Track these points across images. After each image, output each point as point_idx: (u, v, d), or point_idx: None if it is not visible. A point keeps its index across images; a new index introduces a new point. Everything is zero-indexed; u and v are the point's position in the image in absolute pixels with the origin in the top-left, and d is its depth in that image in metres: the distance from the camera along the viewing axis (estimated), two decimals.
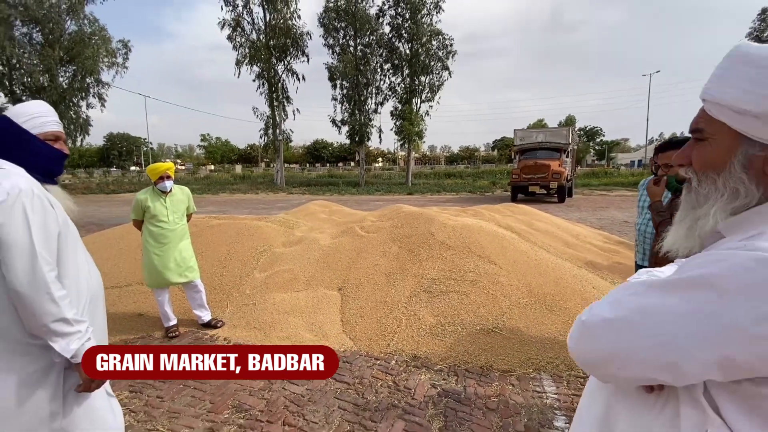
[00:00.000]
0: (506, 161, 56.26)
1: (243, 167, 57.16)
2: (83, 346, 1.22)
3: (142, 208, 3.21)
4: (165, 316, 3.39)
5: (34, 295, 1.14)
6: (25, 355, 1.20)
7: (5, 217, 1.13)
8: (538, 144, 16.69)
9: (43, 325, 1.16)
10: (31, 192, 1.20)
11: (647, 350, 0.57)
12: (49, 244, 1.21)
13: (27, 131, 1.30)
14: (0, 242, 1.13)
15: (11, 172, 1.23)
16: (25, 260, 1.14)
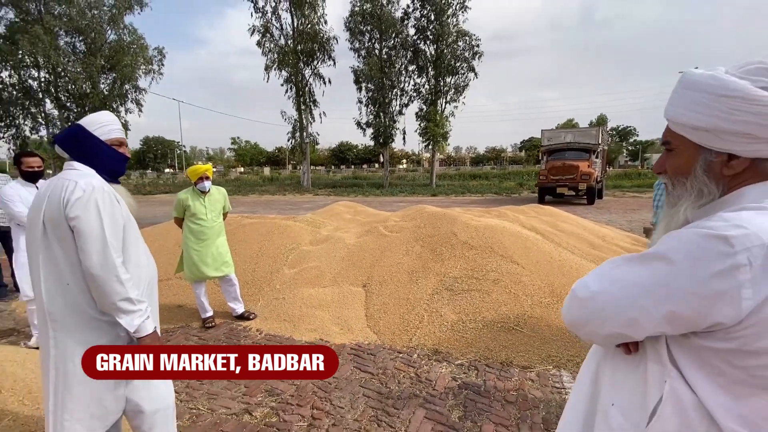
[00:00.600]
0: (534, 162, 54.99)
1: (271, 169, 58.63)
2: (144, 323, 1.42)
3: (183, 207, 3.48)
4: (202, 307, 3.65)
5: (105, 277, 1.33)
6: (96, 329, 1.41)
7: (82, 211, 1.34)
8: (566, 144, 16.30)
9: (111, 303, 1.35)
10: (102, 189, 1.41)
11: (617, 309, 0.70)
12: (116, 234, 1.41)
13: (98, 137, 1.51)
14: (78, 231, 1.34)
15: (85, 173, 1.45)
16: (98, 247, 1.34)
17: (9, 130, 25.75)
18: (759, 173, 0.68)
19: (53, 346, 1.37)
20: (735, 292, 0.58)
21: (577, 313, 0.78)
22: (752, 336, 0.59)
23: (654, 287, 0.66)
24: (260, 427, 2.21)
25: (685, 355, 0.66)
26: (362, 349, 3.12)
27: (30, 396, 2.10)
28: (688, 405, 0.65)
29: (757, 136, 0.65)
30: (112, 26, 25.48)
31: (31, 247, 1.43)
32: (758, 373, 0.60)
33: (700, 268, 0.61)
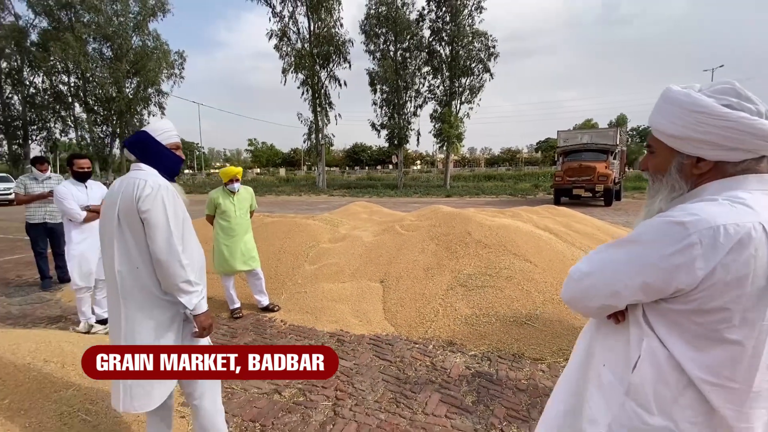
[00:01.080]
0: (550, 163, 54.24)
1: (287, 170, 59.50)
2: (200, 302, 1.64)
3: (215, 205, 3.74)
4: (231, 299, 3.90)
5: (170, 261, 1.56)
6: (160, 307, 1.64)
7: (151, 205, 1.57)
8: (583, 145, 16.16)
9: (174, 284, 1.58)
10: (166, 187, 1.64)
11: (603, 284, 0.88)
12: (178, 225, 1.64)
13: (160, 142, 1.74)
14: (148, 222, 1.57)
15: (150, 173, 1.68)
16: (164, 236, 1.57)
17: (41, 132, 26.97)
18: (719, 172, 0.84)
19: (124, 319, 1.60)
20: (690, 264, 0.75)
21: (573, 291, 0.96)
22: (706, 298, 0.75)
23: (630, 264, 0.83)
24: (289, 405, 2.42)
25: (657, 318, 0.83)
26: (380, 340, 3.31)
27: None
28: (661, 358, 0.82)
29: (719, 144, 0.80)
30: (137, 32, 26.42)
31: (105, 237, 1.67)
32: (713, 327, 0.76)
33: (663, 247, 0.78)
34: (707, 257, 0.74)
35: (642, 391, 0.84)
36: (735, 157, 0.80)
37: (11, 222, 12.08)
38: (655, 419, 0.82)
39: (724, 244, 0.73)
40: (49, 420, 1.87)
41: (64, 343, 2.63)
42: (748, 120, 0.77)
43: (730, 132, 0.78)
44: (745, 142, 0.78)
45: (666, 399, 0.81)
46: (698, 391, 0.79)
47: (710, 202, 0.79)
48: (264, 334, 3.47)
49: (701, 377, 0.78)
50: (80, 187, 3.58)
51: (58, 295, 4.65)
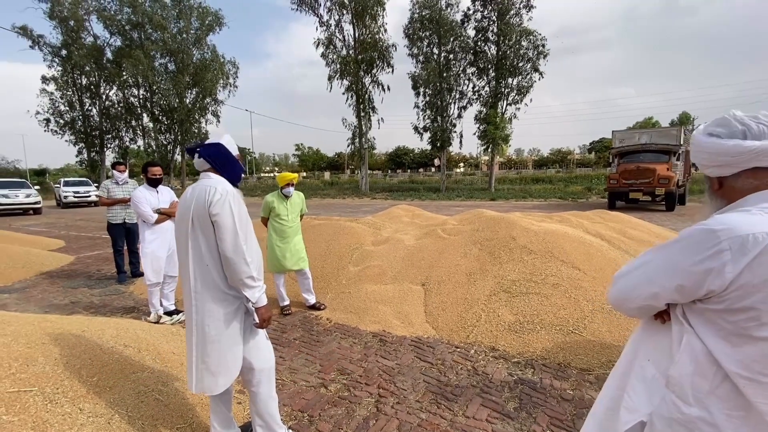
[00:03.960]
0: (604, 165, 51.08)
1: (331, 174, 61.12)
2: (261, 296, 1.82)
3: (269, 208, 4.01)
4: (281, 296, 4.15)
5: (237, 259, 1.74)
6: (225, 301, 1.82)
7: (221, 209, 1.76)
8: (641, 146, 15.11)
9: (240, 279, 1.76)
10: (233, 194, 1.84)
11: (643, 287, 0.96)
12: (243, 227, 1.82)
13: (232, 153, 1.95)
14: (218, 224, 1.76)
15: (219, 180, 1.88)
16: (232, 236, 1.75)
17: (114, 141, 29.88)
18: (730, 187, 0.96)
19: (195, 312, 1.81)
20: (720, 268, 0.83)
21: (617, 292, 1.05)
22: (736, 298, 0.83)
23: (667, 268, 0.93)
24: (335, 398, 2.55)
25: (695, 316, 0.90)
26: (422, 342, 3.37)
27: (159, 356, 2.64)
28: (699, 352, 0.88)
29: (707, 165, 0.99)
30: (197, 47, 28.54)
31: (180, 239, 1.89)
32: (744, 325, 0.84)
33: (697, 253, 0.86)
34: (736, 262, 0.81)
35: (680, 382, 0.91)
36: (724, 172, 0.95)
37: (90, 222, 13.53)
38: (691, 409, 0.89)
39: (752, 250, 0.80)
40: (129, 397, 2.13)
41: (139, 331, 2.95)
42: (708, 142, 0.96)
43: (705, 155, 0.98)
44: (714, 160, 0.95)
45: (703, 390, 0.88)
46: (734, 385, 0.85)
47: (743, 213, 0.88)
48: (311, 331, 3.65)
49: (735, 371, 0.84)
50: (152, 192, 4.00)
51: (131, 288, 5.18)
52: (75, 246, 8.60)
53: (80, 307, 4.43)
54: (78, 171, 41.93)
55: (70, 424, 1.83)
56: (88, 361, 2.27)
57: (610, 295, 1.08)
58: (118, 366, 2.34)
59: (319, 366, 2.99)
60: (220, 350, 1.79)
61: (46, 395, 1.91)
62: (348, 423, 2.30)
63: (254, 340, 1.90)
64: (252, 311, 1.83)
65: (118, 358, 2.42)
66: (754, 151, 0.88)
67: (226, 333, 1.80)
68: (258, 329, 1.87)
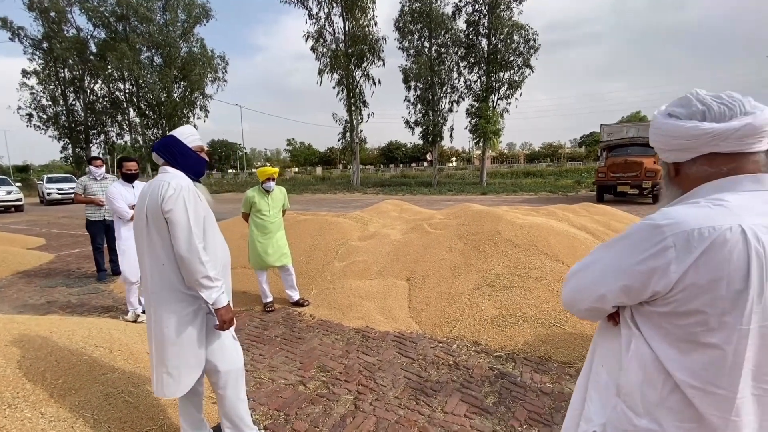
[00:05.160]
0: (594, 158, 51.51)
1: (323, 169, 60.78)
2: (220, 297, 1.74)
3: (250, 203, 3.93)
4: (264, 293, 4.08)
5: (191, 258, 1.66)
6: (183, 301, 1.75)
7: (173, 205, 1.68)
8: (629, 140, 15.24)
9: (195, 280, 1.68)
10: (188, 189, 1.75)
11: (590, 287, 0.89)
12: (198, 224, 1.74)
13: (187, 145, 1.86)
14: (170, 221, 1.68)
15: (175, 175, 1.80)
16: (185, 234, 1.67)
17: (100, 136, 29.30)
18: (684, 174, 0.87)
19: (154, 314, 1.73)
20: (665, 267, 0.75)
21: (568, 293, 0.97)
22: (681, 301, 0.75)
23: (613, 267, 0.85)
24: (313, 396, 2.51)
25: (643, 320, 0.83)
26: (405, 337, 3.34)
27: (132, 356, 2.57)
28: (647, 360, 0.81)
29: (662, 149, 0.89)
30: (184, 39, 28.00)
31: (137, 236, 1.81)
32: (691, 330, 0.76)
33: (641, 250, 0.79)
34: (680, 260, 0.74)
35: (630, 391, 0.84)
36: (679, 157, 0.87)
37: (73, 219, 13.26)
38: (642, 421, 0.82)
39: (697, 247, 0.73)
40: (96, 399, 2.07)
41: (114, 331, 2.87)
42: (667, 124, 0.86)
43: (661, 137, 0.88)
44: (670, 143, 0.86)
45: (653, 401, 0.81)
46: (685, 395, 0.77)
47: (691, 205, 0.79)
48: (293, 328, 3.60)
49: (684, 380, 0.77)
50: (128, 188, 3.89)
51: (111, 287, 5.07)
52: (56, 244, 8.42)
53: (56, 307, 4.32)
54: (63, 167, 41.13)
55: (30, 430, 1.76)
56: (54, 363, 2.20)
57: (563, 296, 0.99)
58: (86, 368, 2.27)
59: (299, 363, 2.94)
60: (179, 352, 1.72)
61: (4, 400, 1.84)
62: (325, 421, 2.26)
63: (218, 341, 1.83)
64: (212, 313, 1.76)
65: (87, 359, 2.34)
66: (710, 133, 0.79)
67: (185, 334, 1.72)
68: (221, 331, 1.80)
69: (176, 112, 28.40)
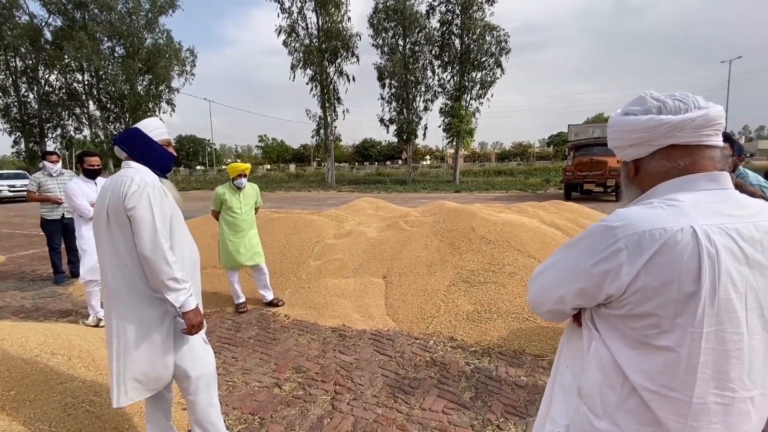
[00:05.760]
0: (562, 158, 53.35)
1: (296, 166, 59.82)
2: (187, 300, 1.65)
3: (221, 201, 3.79)
4: (236, 294, 3.96)
5: (155, 259, 1.57)
6: (149, 304, 1.65)
7: (137, 202, 1.58)
8: (594, 140, 15.90)
9: (160, 281, 1.59)
10: (153, 185, 1.65)
11: (550, 289, 0.90)
12: (164, 223, 1.65)
13: (152, 139, 1.76)
14: (134, 219, 1.59)
15: (139, 170, 1.70)
16: (149, 233, 1.58)
17: (56, 130, 27.53)
18: (644, 171, 0.87)
19: (115, 317, 1.63)
20: (617, 269, 0.75)
21: (532, 294, 0.97)
22: (634, 303, 0.75)
23: (570, 269, 0.85)
24: (288, 398, 2.45)
25: (601, 321, 0.83)
26: (382, 335, 3.33)
27: (93, 363, 2.42)
28: (606, 362, 0.81)
29: (619, 146, 0.90)
30: (149, 30, 26.73)
31: (97, 235, 1.69)
32: (644, 332, 0.75)
33: (595, 253, 0.79)
34: (632, 262, 0.73)
35: (590, 394, 0.84)
36: (637, 153, 0.86)
37: (26, 218, 12.42)
38: (601, 423, 0.81)
39: (648, 248, 0.72)
40: (54, 411, 1.93)
41: (72, 336, 2.70)
42: (623, 120, 0.87)
43: (618, 134, 0.88)
44: (628, 138, 0.86)
45: (612, 403, 0.80)
46: (642, 398, 0.77)
47: (644, 206, 0.79)
48: (267, 329, 3.51)
49: (640, 383, 0.76)
50: (90, 184, 3.67)
51: (70, 290, 4.77)
52: (7, 245, 7.85)
53: (8, 312, 4.02)
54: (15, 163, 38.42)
55: None
56: (5, 373, 2.04)
57: (529, 298, 0.99)
58: (42, 377, 2.12)
59: (273, 365, 2.87)
60: (145, 358, 1.63)
61: None
62: (301, 423, 2.22)
63: (187, 345, 1.74)
64: (180, 316, 1.68)
65: (43, 368, 2.19)
66: (668, 124, 0.80)
67: (151, 339, 1.63)
68: (189, 335, 1.71)
69: (140, 106, 27.09)
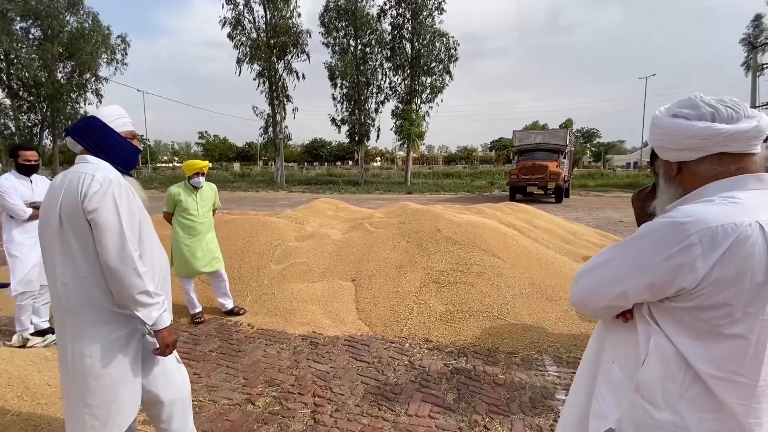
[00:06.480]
0: (503, 162, 56.58)
1: (241, 165, 57.11)
2: (161, 316, 1.44)
3: (174, 202, 3.45)
4: (191, 303, 3.63)
5: (124, 270, 1.35)
6: (113, 323, 1.42)
7: (99, 204, 1.35)
8: (536, 145, 17.00)
9: (130, 296, 1.37)
10: (118, 183, 1.41)
11: (609, 285, 0.90)
12: (133, 227, 1.43)
13: (114, 129, 1.52)
14: (96, 224, 1.35)
15: (100, 166, 1.45)
16: (116, 240, 1.35)
17: None
18: (690, 172, 0.90)
19: (71, 340, 1.38)
20: (692, 263, 0.78)
21: (581, 292, 0.98)
22: (707, 295, 0.78)
23: (635, 265, 0.86)
24: (265, 414, 2.27)
25: (663, 315, 0.86)
26: (356, 340, 3.22)
27: (28, 392, 2.06)
28: (668, 354, 0.84)
29: (669, 148, 0.91)
30: (71, 11, 24.04)
31: (45, 242, 1.43)
32: (716, 322, 0.79)
33: (666, 248, 0.80)
34: (706, 256, 0.77)
35: (650, 386, 0.85)
36: (686, 156, 0.89)
37: None
38: (662, 414, 0.84)
39: (722, 242, 0.76)
40: None
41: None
42: (675, 123, 0.88)
43: (668, 136, 0.90)
44: (680, 143, 0.88)
45: (673, 394, 0.83)
46: (705, 386, 0.80)
47: (708, 203, 0.82)
48: (230, 340, 3.26)
49: (707, 371, 0.80)
50: (25, 182, 3.14)
51: None
52: None
53: None
54: None
55: None
56: None
57: (573, 295, 1.00)
58: None
59: (242, 379, 2.65)
60: (108, 387, 1.39)
61: None
62: None
63: (159, 367, 1.53)
64: (151, 335, 1.46)
65: None
66: (724, 134, 0.82)
67: (115, 364, 1.40)
68: (161, 356, 1.49)
69: (60, 95, 24.28)
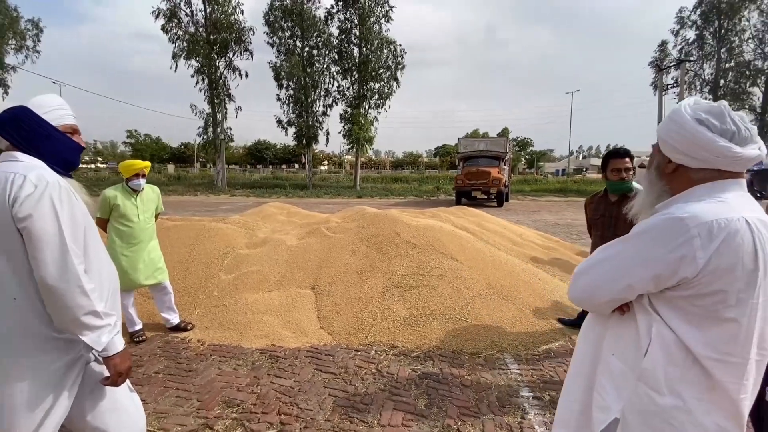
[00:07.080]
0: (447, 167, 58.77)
1: (176, 167, 53.16)
2: (113, 340, 1.24)
3: (110, 207, 3.06)
4: (130, 320, 3.24)
5: (66, 288, 1.14)
6: (51, 351, 1.20)
7: (34, 210, 1.13)
8: (479, 152, 17.86)
9: (74, 319, 1.16)
10: (57, 184, 1.20)
11: (615, 279, 0.95)
12: (77, 237, 1.22)
13: (48, 123, 1.29)
14: (30, 235, 1.13)
15: (33, 165, 1.22)
16: (56, 253, 1.14)
17: None
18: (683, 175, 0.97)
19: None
20: (692, 254, 0.85)
21: (584, 288, 1.02)
22: (705, 283, 0.86)
23: (640, 258, 0.92)
24: None
25: (663, 304, 0.93)
26: (319, 351, 3.09)
27: None
28: (669, 341, 0.90)
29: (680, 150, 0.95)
30: None
31: None
32: (712, 308, 0.87)
33: (669, 241, 0.88)
34: (705, 247, 0.85)
35: (653, 374, 0.91)
36: (692, 163, 0.94)
37: None
38: (665, 399, 0.89)
39: (718, 235, 0.84)
40: None
41: None
42: (698, 132, 0.91)
43: (687, 142, 0.93)
44: (696, 152, 0.92)
45: (675, 378, 0.89)
46: (702, 369, 0.87)
47: (701, 202, 0.91)
48: (179, 359, 2.95)
49: (704, 354, 0.87)
50: None
51: None
52: None
53: None
54: None
55: None
56: None
57: (574, 291, 1.04)
58: None
59: (197, 402, 2.40)
60: (40, 426, 1.18)
61: None
62: None
63: (108, 399, 1.31)
64: (99, 362, 1.26)
65: None
66: (737, 157, 0.89)
67: (52, 399, 1.18)
68: (113, 387, 1.28)
69: None
